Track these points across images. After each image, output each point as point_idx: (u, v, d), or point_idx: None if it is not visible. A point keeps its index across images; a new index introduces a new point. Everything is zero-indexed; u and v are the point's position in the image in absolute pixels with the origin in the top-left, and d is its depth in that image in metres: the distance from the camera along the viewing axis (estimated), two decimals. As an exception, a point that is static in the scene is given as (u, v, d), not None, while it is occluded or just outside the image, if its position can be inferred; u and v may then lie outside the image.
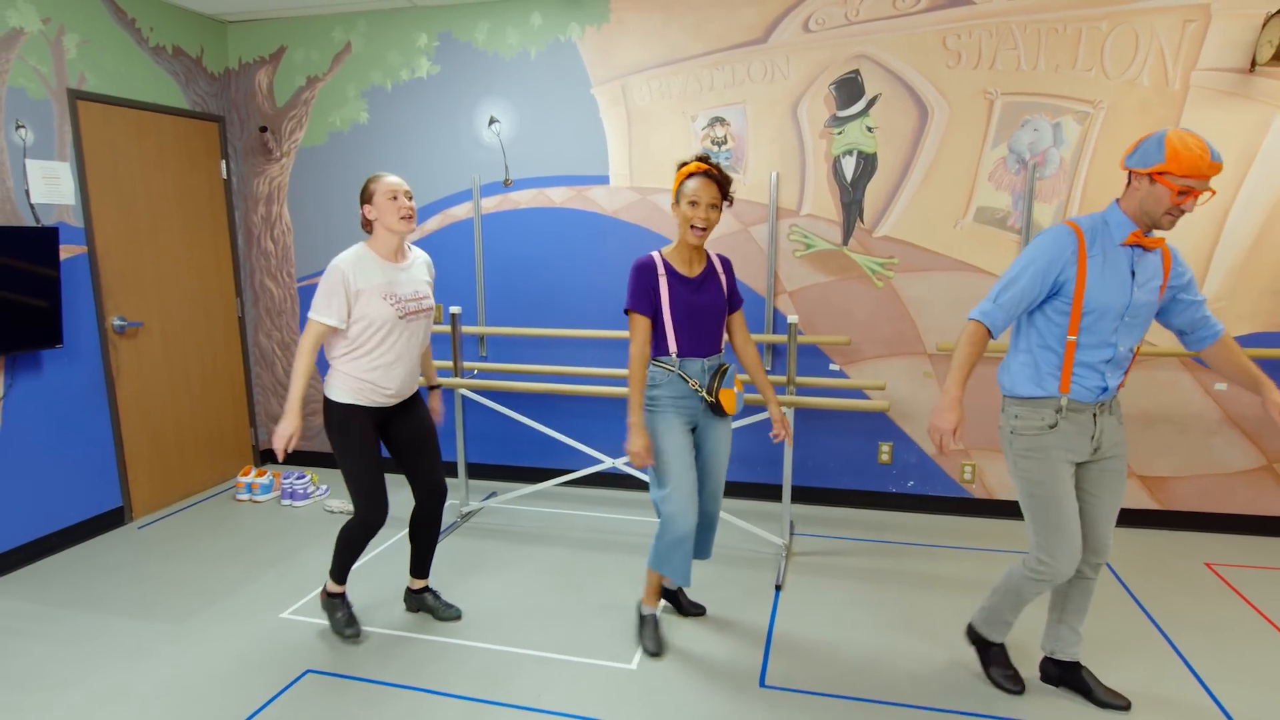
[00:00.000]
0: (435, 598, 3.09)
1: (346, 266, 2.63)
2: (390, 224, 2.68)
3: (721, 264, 2.72)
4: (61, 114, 3.69)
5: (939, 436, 2.24)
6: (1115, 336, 2.20)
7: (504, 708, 2.50)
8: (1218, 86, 3.49)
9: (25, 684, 2.65)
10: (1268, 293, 3.60)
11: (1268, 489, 3.76)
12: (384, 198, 2.66)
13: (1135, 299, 2.18)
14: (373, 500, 2.74)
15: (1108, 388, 2.24)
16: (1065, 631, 2.50)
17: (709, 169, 2.54)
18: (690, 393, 2.63)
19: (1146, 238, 2.16)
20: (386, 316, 2.66)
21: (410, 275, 2.78)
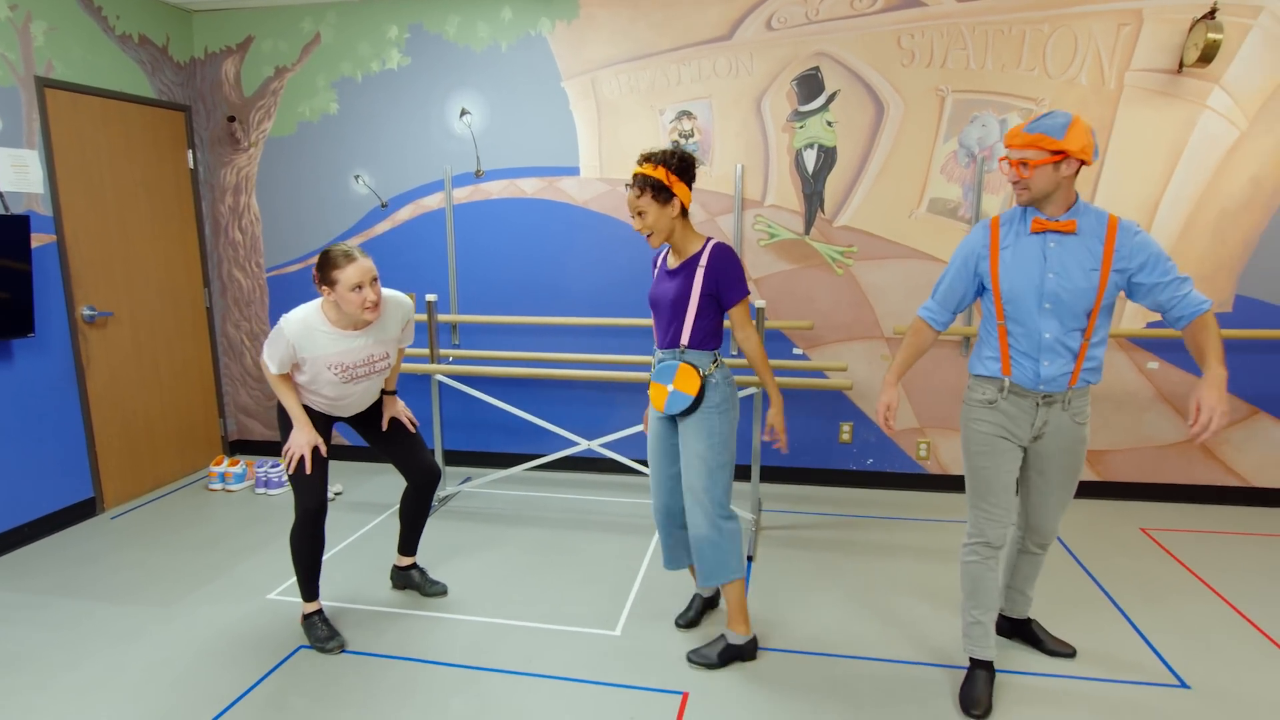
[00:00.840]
0: (421, 574, 3.18)
1: (293, 335, 2.55)
2: (353, 314, 2.56)
3: (710, 256, 2.49)
4: (29, 101, 3.66)
5: (880, 411, 2.47)
6: (1040, 322, 2.21)
7: (496, 673, 2.62)
8: (1149, 86, 3.76)
9: (16, 667, 2.67)
10: (1195, 278, 3.88)
11: (1196, 460, 4.06)
12: (348, 289, 2.49)
13: (1049, 285, 2.18)
14: (312, 489, 2.69)
15: (1041, 375, 2.24)
16: (1015, 595, 2.70)
17: (640, 172, 2.46)
18: None
19: (1054, 221, 2.18)
20: (329, 380, 2.66)
21: (367, 341, 2.67)
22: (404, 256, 4.60)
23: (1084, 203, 2.21)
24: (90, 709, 2.44)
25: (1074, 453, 2.36)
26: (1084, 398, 2.32)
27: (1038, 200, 2.19)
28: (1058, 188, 2.16)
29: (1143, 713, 2.39)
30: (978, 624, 2.44)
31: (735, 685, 2.54)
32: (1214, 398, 2.06)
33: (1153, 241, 2.17)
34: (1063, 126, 2.09)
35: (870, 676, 2.59)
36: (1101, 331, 2.24)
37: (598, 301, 4.40)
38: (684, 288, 2.51)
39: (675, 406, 2.51)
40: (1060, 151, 2.09)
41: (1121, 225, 2.17)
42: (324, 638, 2.76)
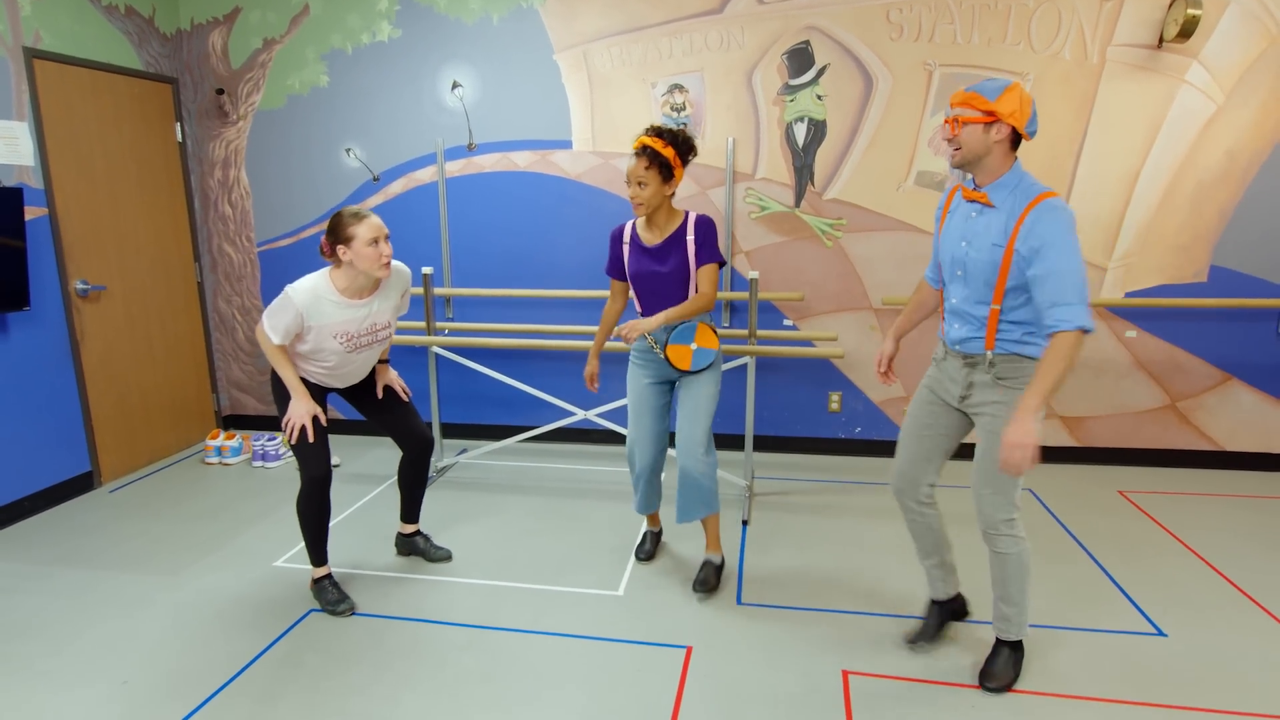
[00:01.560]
0: (426, 540, 3.25)
1: (302, 304, 2.58)
2: (370, 269, 2.60)
3: (697, 227, 2.72)
4: (18, 73, 3.63)
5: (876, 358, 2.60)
6: (951, 287, 2.27)
7: (505, 631, 2.70)
8: (1130, 61, 3.85)
9: (29, 634, 2.72)
10: (1171, 249, 4.01)
11: (1171, 425, 4.21)
12: (365, 244, 2.55)
13: (959, 252, 2.20)
14: (316, 458, 2.74)
15: (950, 336, 2.28)
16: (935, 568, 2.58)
17: (648, 143, 2.62)
18: (651, 349, 2.85)
19: (975, 191, 2.18)
20: (334, 349, 2.69)
21: (372, 310, 2.72)
22: (397, 230, 4.60)
23: (1027, 179, 2.12)
24: (107, 672, 2.49)
25: (993, 415, 2.22)
26: (1015, 364, 2.18)
27: (969, 162, 2.14)
28: (988, 153, 2.11)
29: (1122, 658, 2.52)
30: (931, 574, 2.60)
31: (735, 639, 2.64)
32: (1011, 431, 2.01)
33: (1059, 235, 2.00)
34: (998, 89, 2.06)
35: (861, 629, 2.70)
36: (1018, 311, 2.14)
37: (591, 274, 4.45)
38: (679, 262, 2.73)
39: (701, 361, 2.79)
40: (991, 113, 2.06)
41: (1039, 206, 2.04)
42: (335, 600, 2.83)
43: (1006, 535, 2.28)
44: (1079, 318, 1.97)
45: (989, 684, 2.37)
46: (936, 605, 2.62)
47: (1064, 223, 2.02)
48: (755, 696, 2.35)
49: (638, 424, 2.93)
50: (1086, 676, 2.42)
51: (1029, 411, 2.01)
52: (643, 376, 2.91)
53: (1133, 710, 2.27)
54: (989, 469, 2.24)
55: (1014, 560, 2.29)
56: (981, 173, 2.15)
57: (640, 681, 2.42)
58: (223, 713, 2.29)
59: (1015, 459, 2.01)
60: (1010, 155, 2.13)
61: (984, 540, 2.33)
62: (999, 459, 2.11)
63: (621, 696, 2.35)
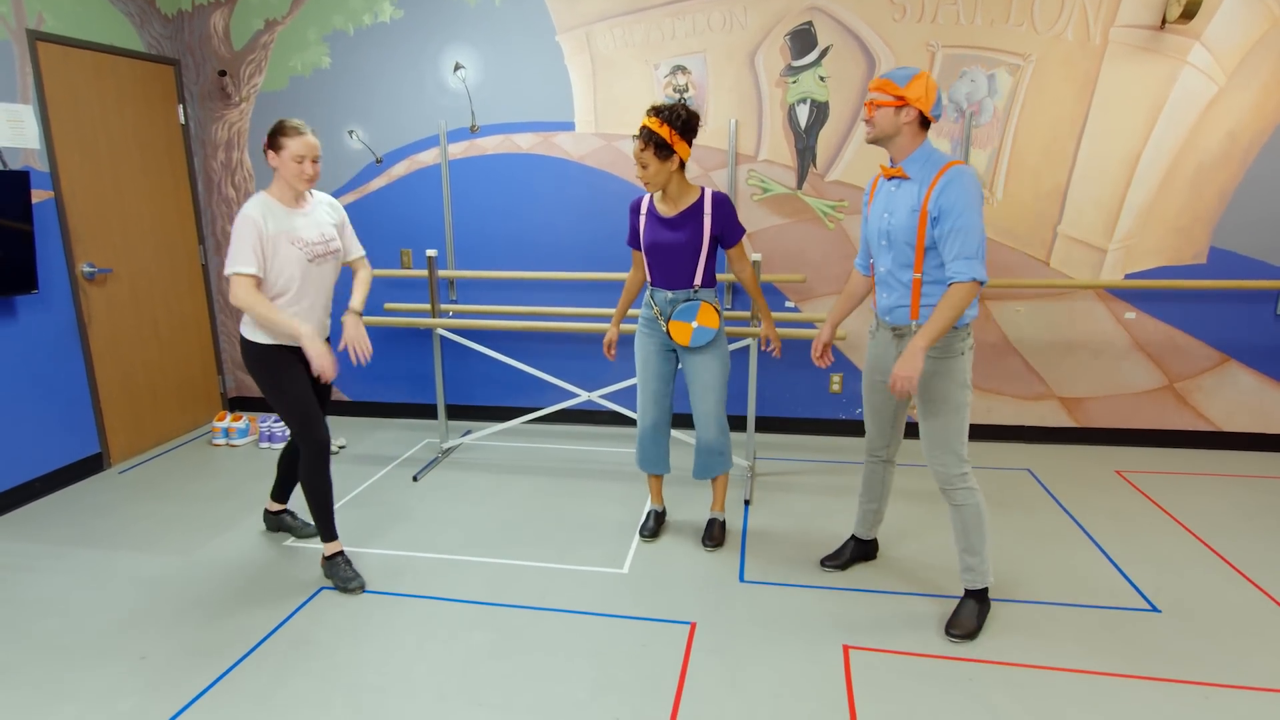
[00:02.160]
0: (293, 517, 3.37)
1: (257, 214, 2.65)
2: (291, 181, 2.72)
3: (713, 203, 2.85)
4: (22, 55, 3.63)
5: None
6: (879, 258, 2.52)
7: (513, 608, 2.75)
8: (1132, 42, 3.85)
9: (48, 611, 2.77)
10: (1171, 230, 4.03)
11: (1169, 406, 4.25)
12: (290, 158, 2.69)
13: (883, 223, 2.45)
14: (311, 423, 2.81)
15: (879, 305, 2.56)
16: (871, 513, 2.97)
17: (646, 124, 2.73)
18: (656, 319, 2.99)
19: (891, 168, 2.43)
20: (296, 260, 2.72)
21: (312, 219, 2.81)
22: (400, 212, 4.63)
23: (936, 153, 2.38)
24: (126, 647, 2.55)
25: (924, 385, 2.48)
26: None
27: (881, 139, 2.41)
28: (898, 132, 2.37)
29: (1116, 632, 2.58)
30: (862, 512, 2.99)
31: (738, 616, 2.70)
32: (899, 365, 2.32)
33: (963, 197, 2.26)
34: (906, 77, 2.33)
35: (862, 605, 2.76)
36: (935, 271, 2.38)
37: (594, 256, 4.47)
38: (693, 234, 2.85)
39: (700, 339, 2.92)
40: (900, 98, 2.33)
41: (948, 173, 2.31)
42: (348, 578, 2.88)
43: (961, 488, 2.53)
44: (974, 270, 2.28)
45: (953, 632, 2.56)
46: (856, 541, 3.03)
47: (968, 186, 2.28)
48: (757, 671, 2.40)
49: (643, 387, 3.11)
50: (1080, 650, 2.48)
51: (918, 349, 2.31)
52: (649, 343, 3.06)
53: (1126, 683, 2.33)
54: (927, 431, 2.53)
55: (971, 510, 2.54)
56: (895, 150, 2.42)
57: (645, 656, 2.48)
58: (239, 686, 2.35)
59: (899, 387, 2.32)
60: (920, 134, 2.39)
61: (942, 496, 2.58)
62: (933, 418, 2.49)
63: (627, 671, 2.41)
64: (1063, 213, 4.09)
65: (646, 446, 3.19)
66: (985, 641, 2.54)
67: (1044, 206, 4.09)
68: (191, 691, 2.33)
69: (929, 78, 2.34)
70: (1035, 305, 4.22)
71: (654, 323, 3.02)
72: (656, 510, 3.34)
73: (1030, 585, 2.87)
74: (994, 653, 2.48)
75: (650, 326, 3.04)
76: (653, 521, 3.30)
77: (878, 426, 2.81)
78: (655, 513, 3.33)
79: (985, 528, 2.55)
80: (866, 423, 2.84)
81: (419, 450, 4.39)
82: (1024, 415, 4.38)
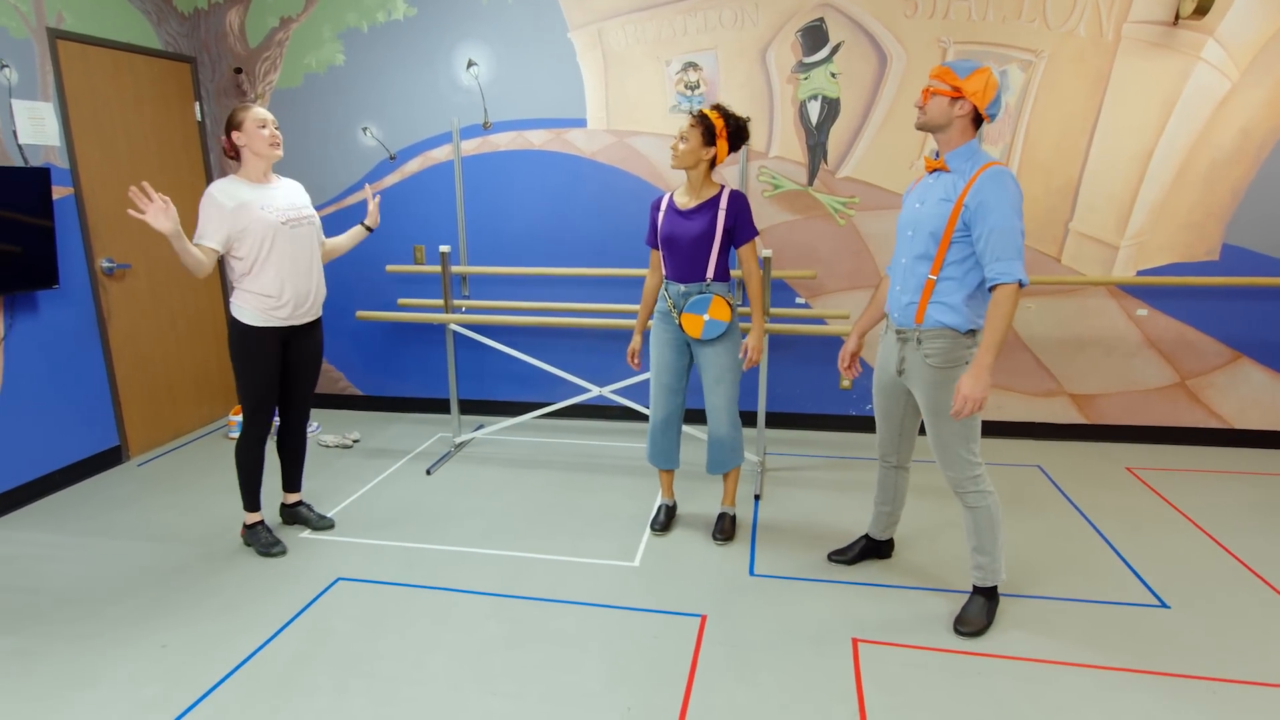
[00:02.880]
0: (309, 509, 3.41)
1: (216, 190, 2.81)
2: (259, 149, 2.85)
3: (730, 200, 2.91)
4: (43, 53, 3.68)
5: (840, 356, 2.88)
6: (900, 248, 2.51)
7: (524, 600, 2.79)
8: (1145, 38, 3.84)
9: (69, 600, 2.83)
10: (1184, 227, 4.02)
11: (1182, 403, 4.24)
12: (253, 125, 2.83)
13: (913, 213, 2.44)
14: (263, 408, 3.02)
15: (890, 301, 2.55)
16: (885, 515, 2.96)
17: (708, 114, 2.86)
18: (669, 312, 3.04)
19: (932, 159, 2.42)
20: (267, 224, 2.85)
21: (281, 192, 2.95)
22: (413, 209, 4.67)
23: (981, 153, 2.35)
24: (146, 636, 2.60)
25: (929, 395, 2.46)
26: (938, 340, 2.40)
27: (929, 127, 2.38)
28: (950, 124, 2.33)
29: (1125, 628, 2.59)
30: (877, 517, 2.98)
31: (748, 609, 2.72)
32: (967, 384, 2.28)
33: (1003, 196, 2.22)
34: (968, 69, 2.30)
35: (871, 599, 2.78)
36: (952, 269, 2.34)
37: (605, 252, 4.50)
38: (707, 226, 2.90)
39: (711, 332, 2.95)
40: (958, 89, 2.29)
41: (989, 170, 2.27)
42: (269, 543, 3.10)
43: (973, 491, 2.52)
44: (1016, 271, 2.23)
45: (962, 629, 2.56)
46: (869, 539, 3.03)
47: (1007, 186, 2.25)
48: (767, 664, 2.43)
49: (656, 379, 3.15)
50: (1089, 645, 2.50)
51: (983, 366, 2.27)
52: (663, 334, 3.10)
53: (1134, 678, 2.34)
54: (935, 434, 2.50)
55: (983, 512, 2.53)
56: (943, 142, 2.38)
57: (656, 648, 2.51)
58: (257, 674, 2.39)
59: (965, 409, 2.28)
60: (970, 131, 2.36)
61: (955, 497, 2.61)
62: (939, 426, 2.46)
63: (638, 663, 2.44)
64: (1074, 209, 4.08)
65: (657, 440, 3.22)
66: (994, 636, 2.55)
67: (1055, 203, 4.09)
68: (212, 679, 2.38)
69: (991, 75, 2.29)
70: (1046, 302, 4.22)
71: (668, 316, 3.06)
72: (667, 504, 3.37)
73: (1040, 581, 2.89)
74: (1003, 647, 2.49)
75: (664, 319, 3.08)
76: (663, 515, 3.33)
77: (888, 430, 2.79)
78: (666, 506, 3.36)
79: (998, 528, 2.55)
80: (878, 425, 2.82)
81: (432, 444, 4.43)
82: (1034, 412, 4.38)
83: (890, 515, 2.94)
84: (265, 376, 2.99)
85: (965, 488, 2.51)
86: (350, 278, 4.82)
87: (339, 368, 5.05)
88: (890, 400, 2.72)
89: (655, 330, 3.13)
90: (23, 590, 2.90)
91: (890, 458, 2.84)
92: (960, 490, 2.53)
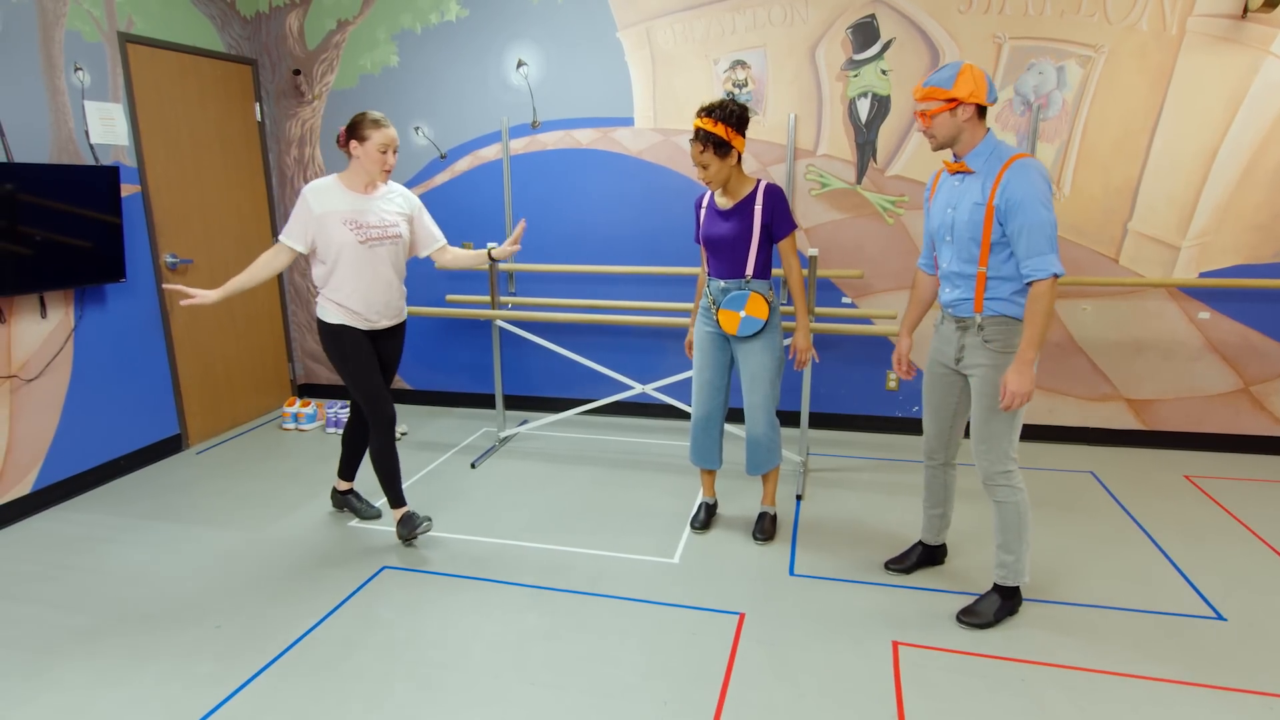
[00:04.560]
0: (358, 499, 3.47)
1: (310, 193, 2.87)
2: (369, 169, 2.89)
3: (765, 195, 2.88)
4: (114, 56, 3.84)
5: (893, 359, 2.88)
6: (942, 252, 2.50)
7: (565, 593, 2.83)
8: (1212, 32, 3.71)
9: (130, 580, 2.95)
10: (1250, 228, 3.88)
11: (1244, 410, 4.09)
12: (375, 147, 2.86)
13: (947, 218, 2.44)
14: (379, 400, 3.03)
15: (944, 299, 2.54)
16: (936, 518, 2.91)
17: (699, 125, 2.78)
18: (710, 308, 3.05)
19: (956, 163, 2.42)
20: (346, 241, 2.88)
21: (378, 206, 2.97)
22: (462, 206, 4.75)
23: (1001, 145, 2.36)
24: (202, 617, 2.70)
25: (988, 379, 2.45)
26: (999, 326, 2.41)
27: (946, 145, 2.39)
28: (960, 131, 2.35)
29: (1178, 639, 2.51)
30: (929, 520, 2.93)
31: (787, 608, 2.71)
32: (1013, 380, 2.28)
33: (1029, 191, 2.23)
34: (951, 77, 2.30)
35: (913, 602, 2.74)
36: (1001, 267, 2.35)
37: (651, 250, 4.52)
38: (745, 225, 2.89)
39: (748, 329, 2.94)
40: (952, 99, 2.30)
41: (1012, 166, 2.28)
42: (417, 521, 3.12)
43: (1004, 485, 2.51)
44: (1051, 265, 2.24)
45: (965, 618, 2.60)
46: (923, 546, 2.96)
47: (1033, 180, 2.25)
48: (805, 663, 2.42)
49: (698, 375, 3.14)
50: (1140, 656, 2.43)
51: (1027, 362, 2.28)
52: (704, 331, 3.11)
53: (1185, 690, 2.27)
54: (982, 426, 2.49)
55: (1010, 509, 2.52)
56: (959, 148, 2.40)
57: (694, 644, 2.52)
58: (307, 656, 2.47)
59: (1013, 404, 2.30)
60: (980, 126, 2.37)
61: (985, 490, 2.55)
62: (990, 414, 2.44)
63: (676, 658, 2.45)
64: (1134, 209, 3.97)
65: (698, 438, 3.22)
66: (1039, 642, 2.50)
67: (1113, 202, 3.98)
68: (263, 659, 2.46)
69: (973, 68, 2.31)
70: (1102, 304, 4.11)
71: (708, 312, 3.07)
72: (708, 502, 3.37)
73: (1088, 588, 2.82)
74: (1047, 654, 2.44)
75: (705, 316, 3.10)
76: (704, 513, 3.33)
77: (936, 425, 2.75)
78: (706, 505, 3.36)
79: (1026, 529, 2.53)
80: (925, 421, 2.78)
81: (477, 438, 4.50)
82: (1089, 416, 4.27)
83: (942, 518, 2.91)
84: (366, 367, 3.00)
85: (997, 481, 2.51)
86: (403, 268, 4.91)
87: (389, 362, 5.16)
88: (942, 393, 2.69)
89: (697, 327, 3.14)
90: (86, 569, 3.04)
91: (937, 455, 2.80)
92: (992, 484, 2.52)
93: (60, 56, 3.58)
